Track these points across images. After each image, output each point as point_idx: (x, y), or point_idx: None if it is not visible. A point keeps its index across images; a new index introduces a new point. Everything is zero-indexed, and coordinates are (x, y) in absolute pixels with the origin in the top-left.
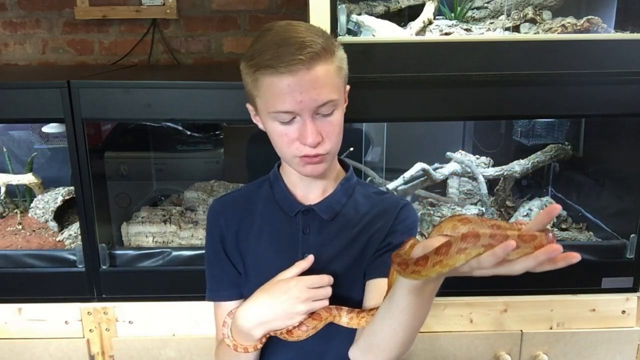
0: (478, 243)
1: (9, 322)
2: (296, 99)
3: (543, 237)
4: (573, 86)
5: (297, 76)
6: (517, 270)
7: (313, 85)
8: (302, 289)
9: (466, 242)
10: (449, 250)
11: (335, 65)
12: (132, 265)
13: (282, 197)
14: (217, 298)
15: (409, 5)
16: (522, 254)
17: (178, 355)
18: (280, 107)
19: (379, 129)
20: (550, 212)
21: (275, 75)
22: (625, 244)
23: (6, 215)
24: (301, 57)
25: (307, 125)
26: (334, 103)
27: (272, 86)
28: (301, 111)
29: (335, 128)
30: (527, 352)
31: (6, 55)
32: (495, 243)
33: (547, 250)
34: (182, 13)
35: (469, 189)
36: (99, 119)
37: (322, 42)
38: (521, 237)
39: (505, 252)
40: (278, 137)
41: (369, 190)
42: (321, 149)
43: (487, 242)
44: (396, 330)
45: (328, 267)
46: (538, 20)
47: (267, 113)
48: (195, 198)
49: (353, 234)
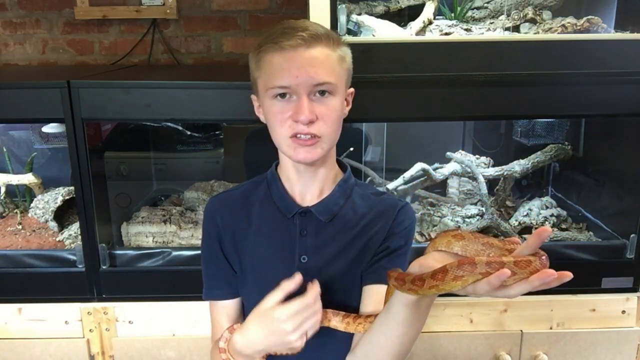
0: (475, 271)
1: (9, 322)
2: (293, 74)
3: (537, 261)
4: (573, 86)
5: (297, 52)
6: (512, 295)
7: (311, 64)
8: (288, 320)
9: (462, 270)
10: (445, 277)
11: (338, 54)
12: (132, 265)
13: (279, 198)
14: (212, 297)
15: (409, 5)
16: (518, 280)
17: (178, 355)
18: (278, 81)
19: (379, 129)
20: (541, 234)
21: (277, 51)
22: (625, 244)
23: (6, 215)
24: (303, 34)
25: (302, 102)
26: (331, 87)
27: (272, 62)
28: (297, 87)
29: (332, 113)
30: (527, 352)
31: (6, 55)
32: (491, 271)
33: (542, 277)
34: (182, 13)
35: (469, 189)
36: (99, 119)
37: (325, 30)
38: (517, 263)
39: (500, 281)
40: (273, 116)
41: (367, 191)
42: (314, 129)
43: (484, 269)
44: (393, 342)
45: (325, 270)
46: (538, 20)
47: (266, 91)
48: (195, 198)
49: (351, 236)
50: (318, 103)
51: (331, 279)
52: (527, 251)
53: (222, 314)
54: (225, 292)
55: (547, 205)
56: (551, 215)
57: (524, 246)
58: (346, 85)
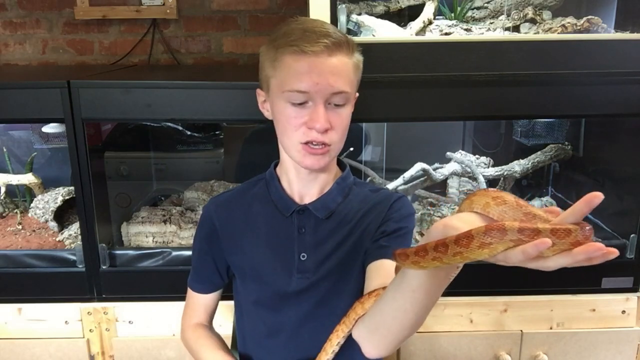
0: (505, 238)
1: (9, 322)
2: (313, 80)
3: (578, 231)
4: (573, 86)
5: (319, 59)
6: (550, 267)
7: (332, 72)
8: None
9: (491, 237)
10: (470, 243)
11: (353, 62)
12: (132, 265)
13: (277, 196)
14: (192, 288)
15: (409, 5)
16: (558, 251)
17: (178, 355)
18: (297, 85)
19: (379, 129)
20: (590, 201)
21: (299, 54)
22: (625, 244)
23: (6, 215)
24: (326, 41)
25: (319, 110)
26: (347, 96)
27: (293, 65)
28: (315, 94)
29: (344, 122)
30: (527, 352)
31: (6, 55)
32: (525, 239)
33: (588, 250)
34: (182, 13)
35: (469, 189)
36: (99, 119)
37: (344, 37)
38: (554, 232)
39: (538, 251)
40: (286, 120)
41: (365, 189)
42: (327, 138)
43: (515, 237)
44: (407, 311)
45: (323, 265)
46: (538, 20)
47: (282, 92)
48: (195, 198)
49: (347, 229)
50: (332, 112)
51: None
52: (571, 219)
53: (199, 304)
54: (204, 288)
55: (547, 205)
56: None
57: (569, 213)
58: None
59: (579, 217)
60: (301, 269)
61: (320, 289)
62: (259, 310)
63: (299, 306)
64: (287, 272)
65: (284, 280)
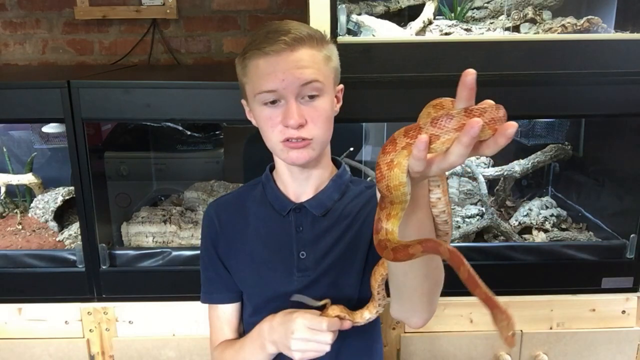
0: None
1: (9, 322)
2: (279, 77)
3: (494, 109)
4: (573, 86)
5: (281, 57)
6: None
7: (297, 65)
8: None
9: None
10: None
11: (323, 54)
12: (132, 265)
13: (273, 197)
14: (211, 301)
15: (409, 5)
16: (492, 131)
17: (178, 355)
18: (265, 86)
19: (378, 128)
20: (465, 79)
21: (261, 57)
22: (625, 244)
23: (6, 215)
24: (285, 38)
25: (291, 106)
26: (318, 86)
27: (258, 67)
28: (284, 90)
29: (321, 114)
30: (527, 352)
31: (6, 55)
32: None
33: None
34: (182, 13)
35: (469, 189)
36: (99, 119)
37: (308, 30)
38: (469, 112)
39: (475, 134)
40: (264, 122)
41: (361, 186)
42: (305, 132)
43: (432, 131)
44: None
45: (323, 262)
46: (538, 20)
47: (254, 96)
48: (195, 198)
49: (345, 224)
50: (306, 106)
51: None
52: (464, 104)
53: (222, 318)
54: (224, 297)
55: (547, 205)
56: (551, 215)
57: (458, 100)
58: (335, 84)
59: (468, 101)
60: (301, 267)
61: (321, 286)
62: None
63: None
64: (288, 272)
65: (284, 280)
